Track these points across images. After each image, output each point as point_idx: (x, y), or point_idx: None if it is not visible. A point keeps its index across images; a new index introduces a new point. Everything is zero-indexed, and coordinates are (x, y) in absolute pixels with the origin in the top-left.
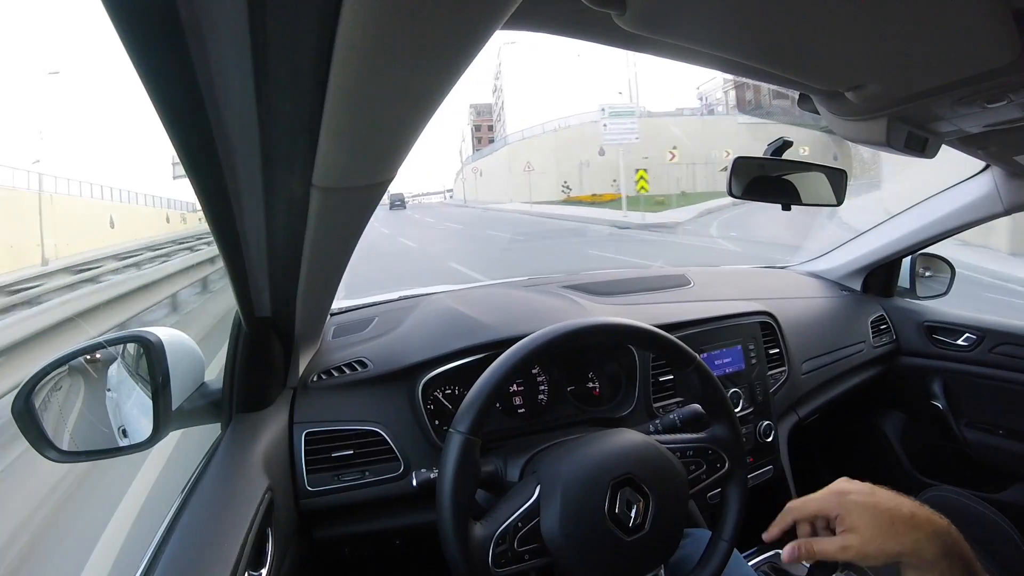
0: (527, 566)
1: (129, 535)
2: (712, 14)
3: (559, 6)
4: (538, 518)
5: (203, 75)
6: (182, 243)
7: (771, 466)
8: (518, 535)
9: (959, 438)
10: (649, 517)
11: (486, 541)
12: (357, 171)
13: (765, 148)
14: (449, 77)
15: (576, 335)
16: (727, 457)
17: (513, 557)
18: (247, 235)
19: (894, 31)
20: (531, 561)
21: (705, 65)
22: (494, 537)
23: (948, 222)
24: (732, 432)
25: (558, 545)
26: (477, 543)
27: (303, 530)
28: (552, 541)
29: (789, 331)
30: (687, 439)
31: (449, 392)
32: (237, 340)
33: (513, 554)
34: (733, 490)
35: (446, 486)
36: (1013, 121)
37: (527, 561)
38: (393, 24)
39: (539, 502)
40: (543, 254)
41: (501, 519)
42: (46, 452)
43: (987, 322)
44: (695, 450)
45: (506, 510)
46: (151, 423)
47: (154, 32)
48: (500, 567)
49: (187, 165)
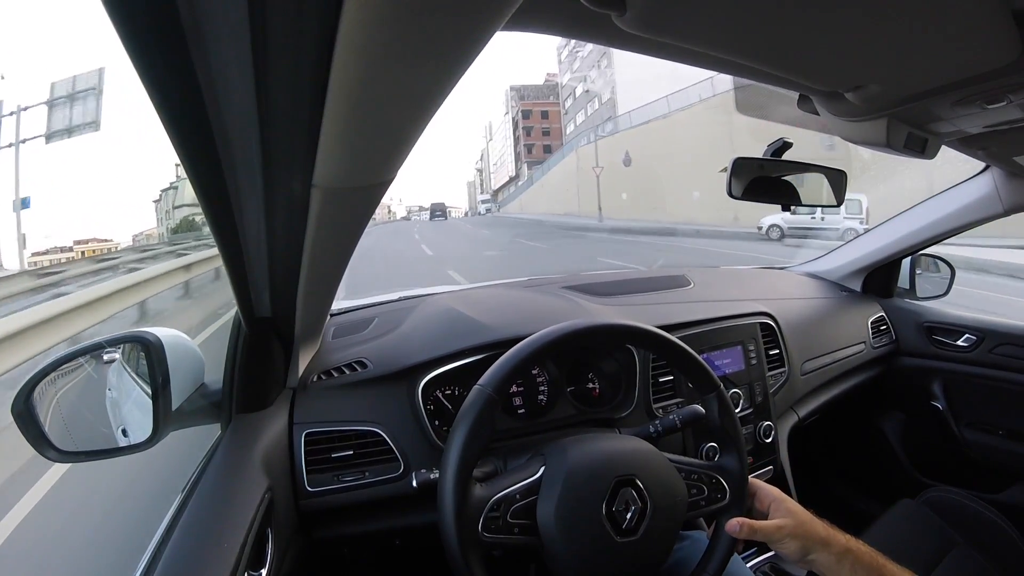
0: (513, 540)
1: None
2: (712, 15)
3: (559, 7)
4: (536, 496)
5: (203, 75)
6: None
7: (771, 466)
8: (513, 506)
9: (959, 438)
10: (643, 524)
11: (482, 502)
12: (358, 171)
13: (765, 149)
14: (450, 77)
15: (620, 333)
16: (729, 490)
17: (503, 527)
18: (247, 235)
19: (894, 32)
20: (519, 536)
21: (705, 66)
22: (490, 501)
23: (948, 223)
24: (740, 467)
25: (550, 528)
26: (473, 501)
27: (303, 530)
28: (545, 523)
29: (789, 332)
30: (696, 463)
31: (449, 392)
32: (237, 340)
33: (504, 524)
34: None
35: (459, 436)
36: (1013, 122)
37: (515, 535)
38: (394, 24)
39: (541, 481)
40: None
41: (501, 487)
42: (46, 452)
43: (987, 323)
44: (700, 475)
45: (508, 480)
46: (151, 423)
47: (154, 32)
48: (488, 532)
49: (187, 165)
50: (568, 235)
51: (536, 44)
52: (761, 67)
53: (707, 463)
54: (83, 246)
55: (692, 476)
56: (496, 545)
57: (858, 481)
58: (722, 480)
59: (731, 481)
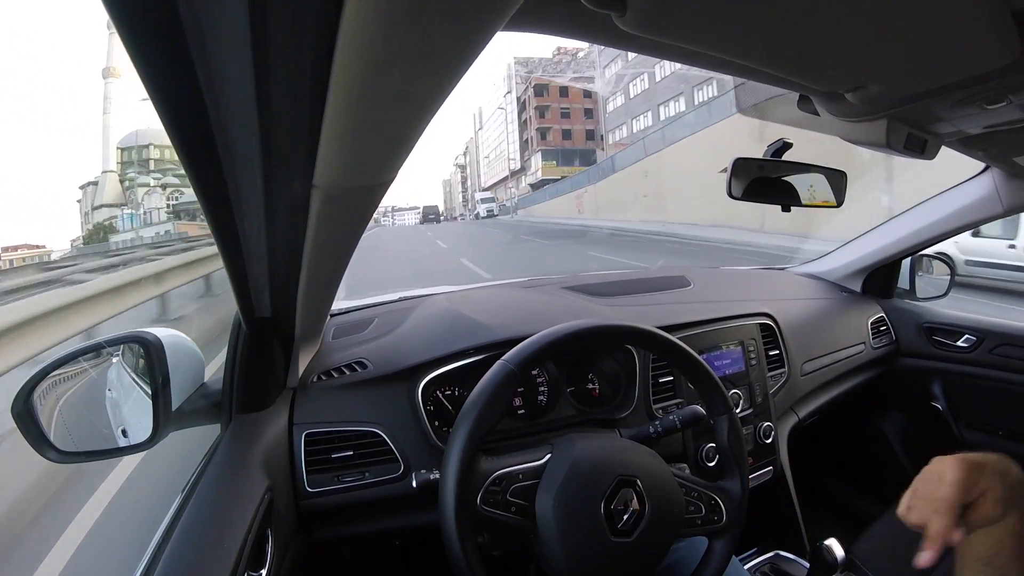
0: (508, 518)
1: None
2: (712, 15)
3: (559, 7)
4: (539, 480)
5: (203, 75)
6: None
7: (771, 467)
8: (514, 485)
9: (959, 439)
10: (639, 528)
11: (485, 474)
12: (358, 172)
13: (765, 149)
14: (450, 78)
15: (653, 342)
16: (726, 512)
17: (500, 503)
18: (247, 235)
19: (894, 32)
20: (515, 516)
21: (705, 66)
22: (493, 475)
23: (948, 223)
24: (740, 491)
25: (545, 514)
26: (478, 470)
27: (303, 530)
28: (542, 509)
29: (789, 332)
30: (697, 482)
31: (449, 393)
32: (237, 341)
33: (502, 500)
34: (721, 546)
35: (477, 402)
36: (1013, 122)
37: (511, 514)
38: (394, 25)
39: (545, 467)
40: None
41: (506, 463)
42: (46, 452)
43: (987, 323)
44: (700, 494)
45: (514, 459)
46: (151, 423)
47: (155, 32)
48: (487, 505)
49: (187, 165)
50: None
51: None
52: (761, 67)
53: (709, 483)
54: (11, 254)
55: (692, 494)
56: (491, 521)
57: (858, 481)
58: (721, 503)
59: (730, 504)
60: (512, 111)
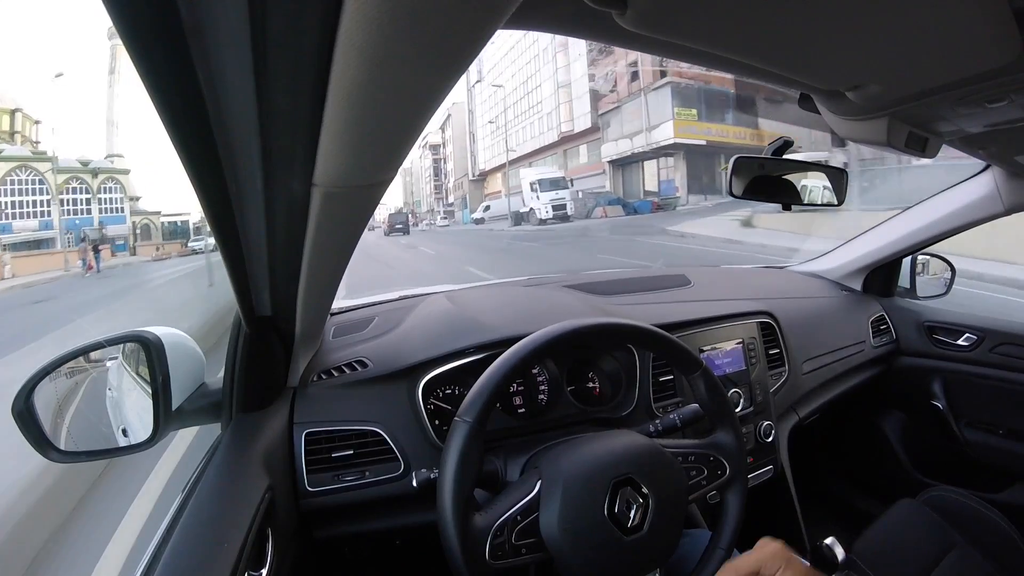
0: (524, 560)
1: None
2: (713, 14)
3: (560, 5)
4: (537, 513)
5: (203, 75)
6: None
7: (771, 466)
8: (516, 528)
9: (959, 438)
10: (648, 519)
11: (484, 532)
12: (358, 170)
13: (765, 148)
14: (450, 76)
15: (577, 334)
16: (728, 464)
17: (510, 550)
18: (247, 235)
19: (894, 31)
20: (528, 555)
21: (706, 65)
22: (492, 528)
23: (948, 222)
24: (735, 439)
25: (556, 541)
26: (475, 533)
27: (303, 530)
28: (550, 536)
29: (789, 331)
30: (690, 444)
31: (449, 392)
32: (237, 340)
33: (511, 547)
34: (732, 497)
35: (448, 473)
36: (1014, 121)
37: (524, 555)
38: (394, 23)
39: (539, 496)
40: None
41: (501, 511)
42: (46, 452)
43: (987, 322)
44: (697, 456)
45: (506, 503)
46: (151, 423)
47: (154, 32)
48: (497, 559)
49: (187, 165)
50: None
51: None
52: (761, 66)
53: (702, 442)
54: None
55: (689, 459)
56: (507, 570)
57: (858, 481)
58: (720, 457)
59: (729, 455)
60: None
